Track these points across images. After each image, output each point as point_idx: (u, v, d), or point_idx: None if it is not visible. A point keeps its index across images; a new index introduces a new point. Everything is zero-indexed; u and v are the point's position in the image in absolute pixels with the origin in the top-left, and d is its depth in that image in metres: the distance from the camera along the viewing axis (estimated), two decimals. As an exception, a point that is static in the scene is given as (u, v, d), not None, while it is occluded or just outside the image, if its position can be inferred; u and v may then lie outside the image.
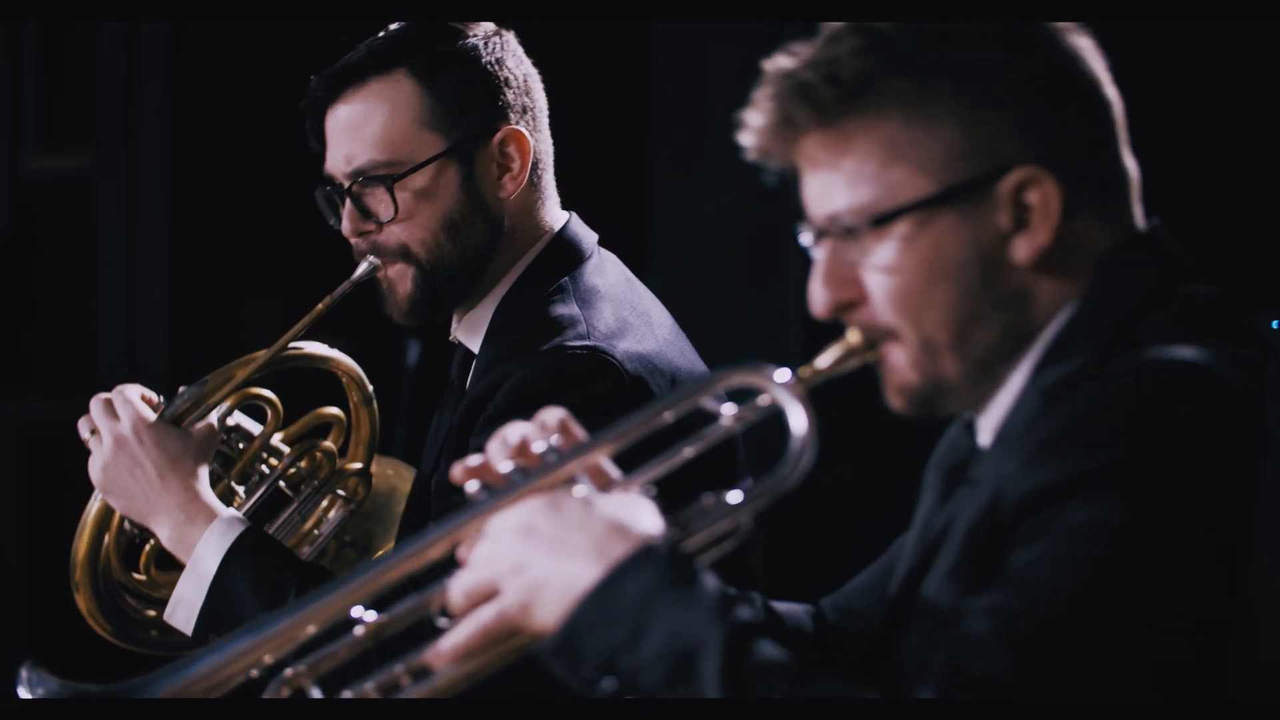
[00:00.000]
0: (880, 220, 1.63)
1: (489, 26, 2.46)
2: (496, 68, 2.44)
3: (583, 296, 2.41)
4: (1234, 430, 1.51)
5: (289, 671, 1.71)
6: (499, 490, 1.68)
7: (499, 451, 1.72)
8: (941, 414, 1.72)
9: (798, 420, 1.62)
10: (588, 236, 2.51)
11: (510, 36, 2.48)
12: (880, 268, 1.64)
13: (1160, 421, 1.52)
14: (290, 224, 5.29)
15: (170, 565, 2.55)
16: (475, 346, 2.48)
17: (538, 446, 1.70)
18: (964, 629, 1.51)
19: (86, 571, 2.47)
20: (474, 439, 2.31)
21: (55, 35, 5.46)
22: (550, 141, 2.51)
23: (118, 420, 2.41)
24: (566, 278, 2.43)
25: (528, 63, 2.49)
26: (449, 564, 1.69)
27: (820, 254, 1.68)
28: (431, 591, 1.69)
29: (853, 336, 1.68)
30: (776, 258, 4.53)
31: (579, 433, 1.74)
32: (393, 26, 2.46)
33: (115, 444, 2.40)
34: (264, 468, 2.60)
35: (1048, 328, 1.65)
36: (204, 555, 2.36)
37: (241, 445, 2.57)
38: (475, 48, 2.43)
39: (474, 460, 1.71)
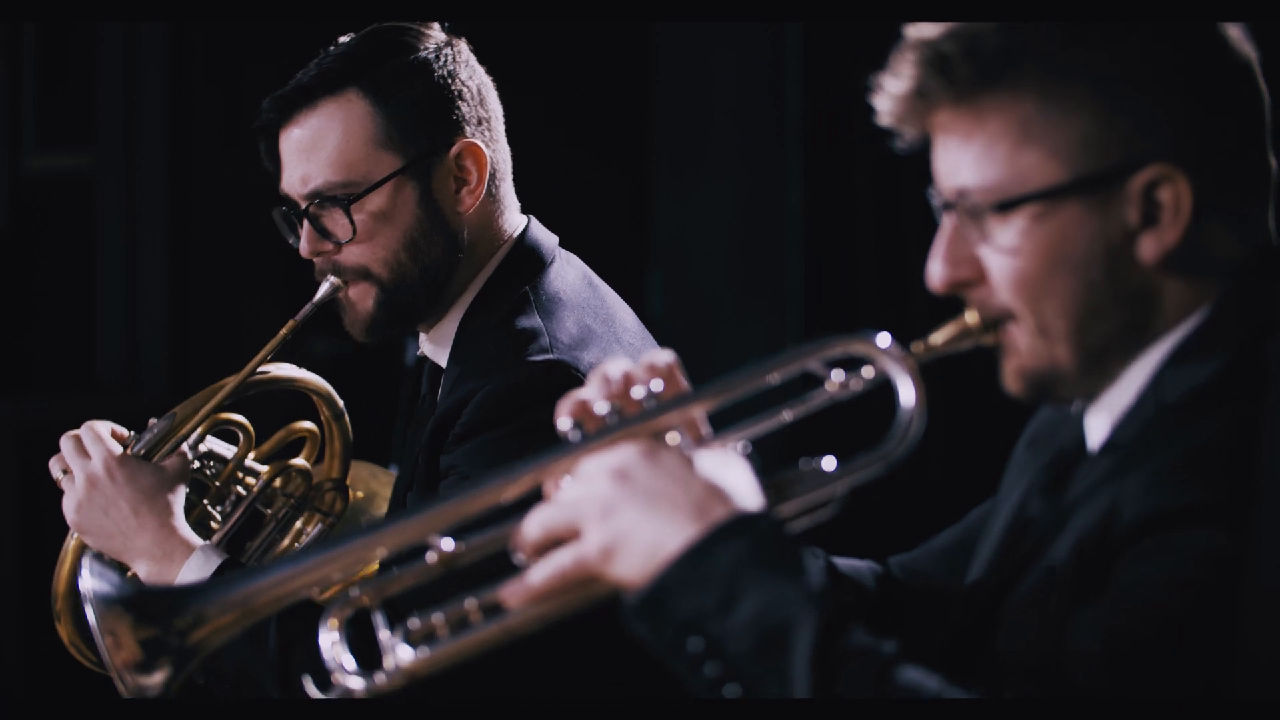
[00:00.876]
0: (1007, 205, 1.60)
1: (440, 36, 2.43)
2: (450, 80, 2.41)
3: (545, 306, 2.39)
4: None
5: (355, 591, 1.69)
6: (593, 432, 1.64)
7: (599, 389, 1.68)
8: (1056, 401, 1.71)
9: (906, 394, 1.61)
10: (548, 240, 2.48)
11: (462, 45, 2.45)
12: (1002, 250, 1.62)
13: None
14: (290, 223, 5.28)
15: None
16: (443, 361, 2.46)
17: (637, 391, 1.67)
18: (1072, 640, 1.50)
19: (68, 601, 2.46)
20: (444, 458, 2.30)
21: (55, 35, 5.45)
22: (507, 148, 2.49)
23: (89, 459, 2.39)
24: (528, 286, 2.41)
25: (480, 71, 2.46)
26: (534, 500, 1.65)
27: (945, 225, 1.66)
28: (511, 525, 1.64)
29: (970, 317, 1.66)
30: (776, 259, 4.52)
31: (683, 382, 1.72)
32: (343, 40, 2.43)
33: (88, 483, 2.38)
34: (240, 489, 2.58)
35: (1173, 331, 1.62)
36: None
37: (215, 469, 2.56)
38: (427, 61, 2.40)
39: (578, 394, 1.68)
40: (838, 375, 1.66)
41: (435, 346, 2.48)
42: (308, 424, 2.65)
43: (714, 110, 4.39)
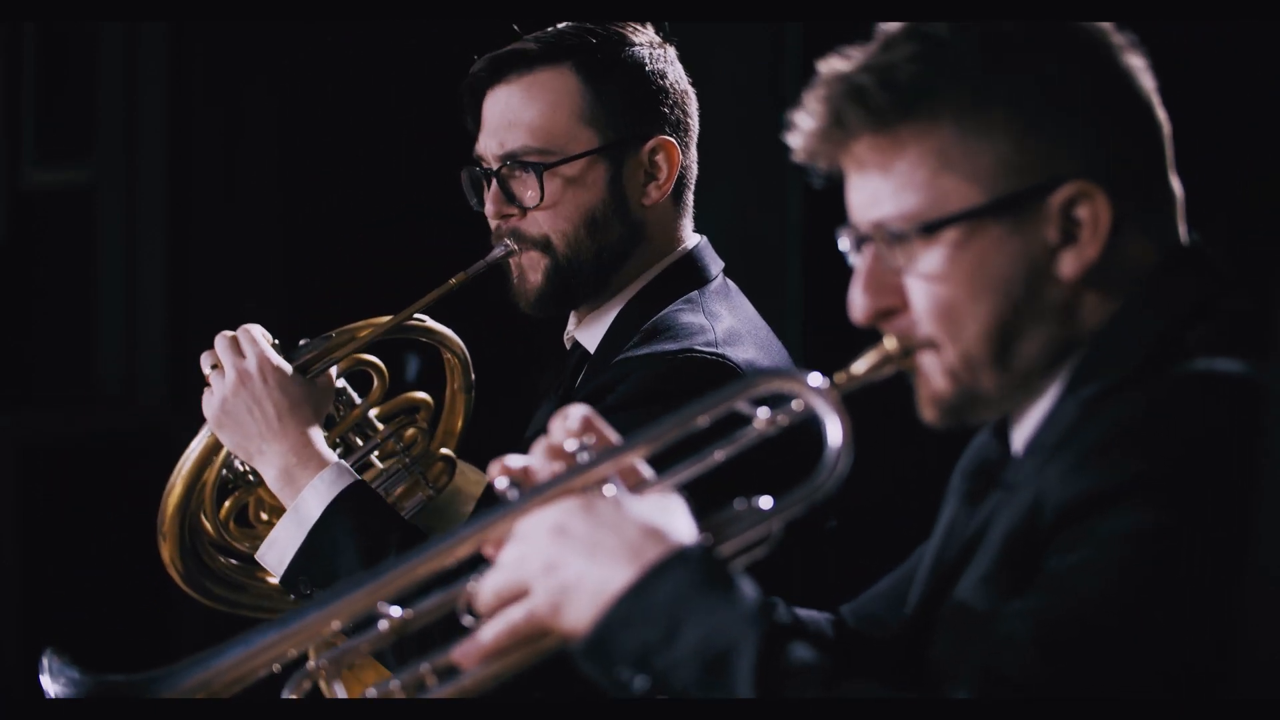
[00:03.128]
0: (929, 228, 1.62)
1: (654, 37, 2.52)
2: (659, 79, 2.49)
3: (709, 310, 2.45)
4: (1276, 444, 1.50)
5: (311, 665, 1.72)
6: (530, 490, 1.67)
7: (536, 453, 1.71)
8: (972, 424, 1.72)
9: (832, 426, 1.62)
10: (715, 262, 2.55)
11: (673, 51, 2.54)
12: (925, 276, 1.63)
13: (1202, 433, 1.52)
14: (290, 237, 5.29)
15: (247, 523, 2.59)
16: (592, 347, 2.52)
17: (569, 446, 1.70)
18: (1001, 631, 1.51)
19: (175, 519, 2.50)
20: None
21: (54, 49, 5.46)
22: (696, 162, 2.55)
23: (243, 357, 2.43)
24: (695, 292, 2.47)
25: (686, 80, 2.55)
26: (477, 562, 1.69)
27: (861, 260, 1.67)
28: (458, 589, 1.69)
29: (889, 343, 1.68)
30: (777, 270, 4.53)
31: (610, 434, 1.74)
32: (560, 26, 2.51)
33: (239, 379, 2.42)
34: (358, 438, 2.62)
35: (1089, 340, 1.64)
36: (309, 499, 2.39)
37: (342, 412, 2.60)
38: (640, 56, 2.48)
39: (511, 460, 1.71)
40: (764, 413, 1.67)
41: (588, 332, 2.53)
42: (424, 395, 2.68)
43: (714, 113, 4.39)
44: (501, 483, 1.68)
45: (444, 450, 2.67)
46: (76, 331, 5.44)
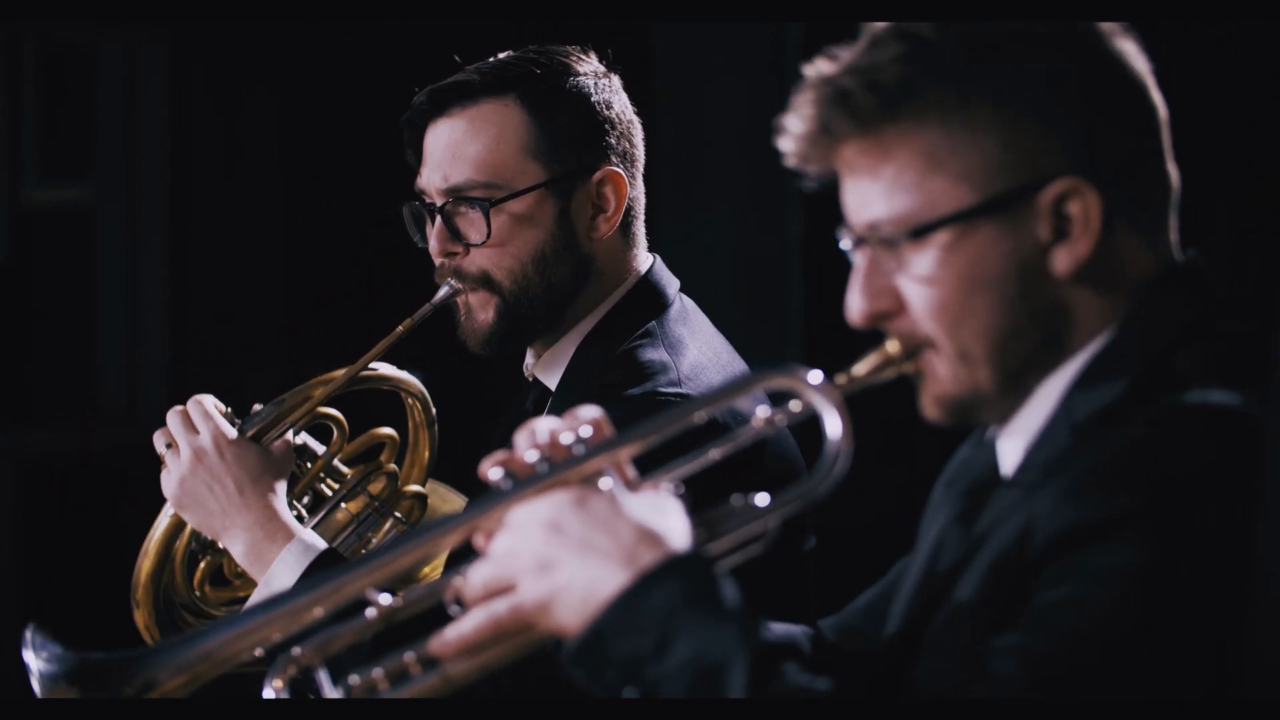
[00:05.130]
0: (919, 231, 1.61)
1: (599, 66, 2.47)
2: (605, 109, 2.44)
3: (670, 343, 2.40)
4: (1270, 480, 1.49)
5: (296, 650, 1.69)
6: (523, 480, 1.65)
7: (527, 443, 1.69)
8: (976, 424, 1.71)
9: (832, 426, 1.60)
10: (671, 283, 2.50)
11: (617, 80, 2.49)
12: (918, 278, 1.62)
13: (1194, 469, 1.50)
14: (290, 254, 5.29)
15: (223, 582, 2.56)
16: (552, 384, 2.46)
17: (565, 438, 1.67)
18: (990, 667, 1.50)
19: (149, 589, 2.46)
20: None
21: (55, 68, 5.47)
22: (644, 192, 2.51)
23: (196, 434, 2.39)
24: (653, 322, 2.42)
25: (631, 110, 2.50)
26: (468, 551, 1.67)
27: (859, 261, 1.66)
28: (448, 578, 1.67)
29: (891, 346, 1.66)
30: (776, 280, 4.52)
31: (610, 430, 1.72)
32: (502, 55, 2.45)
33: (194, 457, 2.37)
34: (324, 487, 2.59)
35: (1083, 350, 1.63)
36: (279, 573, 2.34)
37: (303, 463, 2.56)
38: (587, 86, 2.43)
39: (501, 452, 1.69)
40: (763, 410, 1.66)
41: (546, 369, 2.48)
42: (389, 430, 2.64)
43: (715, 114, 4.39)
44: (495, 473, 1.66)
45: (412, 487, 2.64)
46: (77, 349, 5.44)
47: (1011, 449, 1.67)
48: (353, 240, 5.09)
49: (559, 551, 1.56)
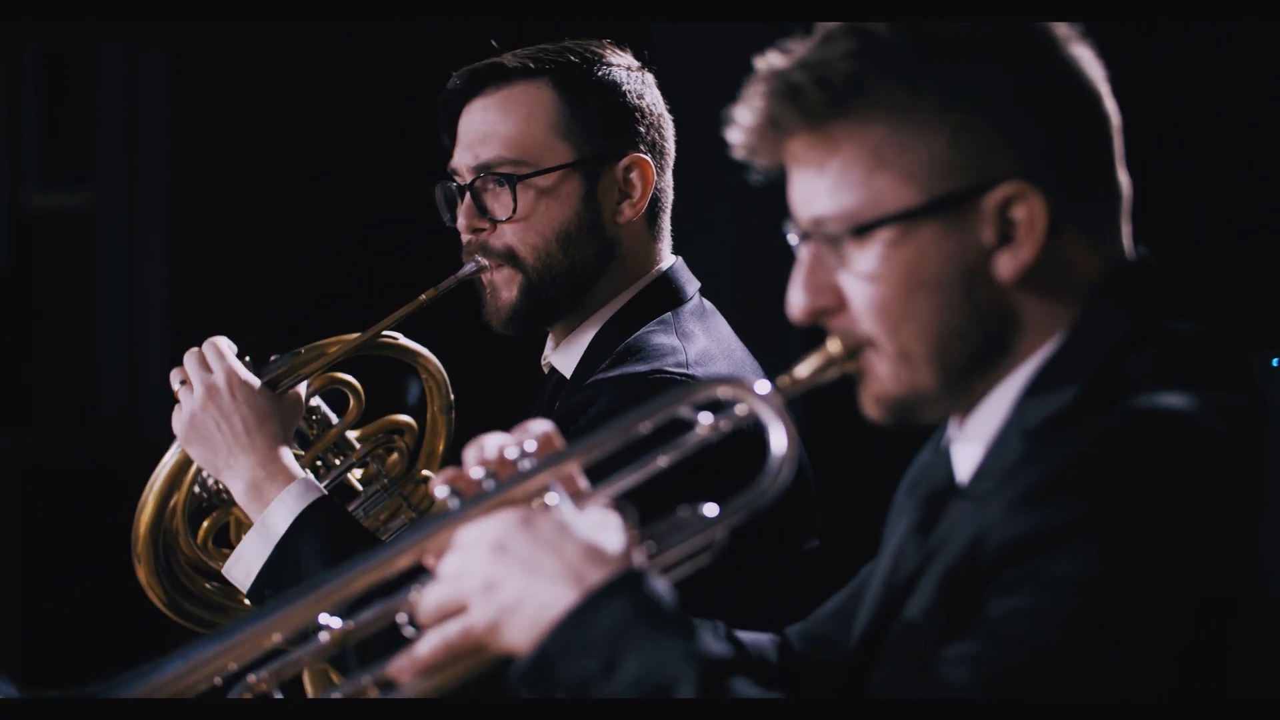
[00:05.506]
0: (862, 229, 1.60)
1: (633, 60, 2.52)
2: (637, 99, 2.48)
3: (683, 331, 2.42)
4: (1219, 483, 1.49)
5: (252, 678, 1.70)
6: (470, 499, 1.64)
7: (474, 459, 1.68)
8: (917, 424, 1.69)
9: (775, 430, 1.59)
10: (691, 282, 2.53)
11: (651, 77, 2.53)
12: (860, 276, 1.61)
13: (1145, 474, 1.49)
14: (290, 257, 5.29)
15: (228, 544, 2.56)
16: (568, 371, 2.49)
17: (511, 453, 1.67)
18: (942, 676, 1.49)
19: (149, 538, 2.48)
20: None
21: (55, 74, 5.48)
22: (672, 187, 2.54)
23: (210, 372, 2.42)
24: (670, 313, 2.45)
25: (663, 106, 2.53)
26: (419, 572, 1.67)
27: (802, 256, 1.65)
28: (398, 600, 1.67)
29: (833, 346, 1.65)
30: (776, 280, 4.51)
31: (560, 444, 1.72)
32: (540, 45, 2.50)
33: (206, 393, 2.41)
34: (335, 459, 2.60)
35: (1034, 355, 1.62)
36: (276, 513, 2.37)
37: (316, 431, 2.58)
38: (620, 77, 2.47)
39: (450, 469, 1.69)
40: (706, 418, 1.65)
41: (564, 356, 2.51)
42: (407, 418, 2.66)
43: (714, 114, 4.36)
44: (441, 491, 1.65)
45: (425, 472, 2.64)
46: (77, 354, 5.44)
47: (967, 456, 1.67)
48: (353, 242, 5.09)
49: (505, 572, 1.56)
